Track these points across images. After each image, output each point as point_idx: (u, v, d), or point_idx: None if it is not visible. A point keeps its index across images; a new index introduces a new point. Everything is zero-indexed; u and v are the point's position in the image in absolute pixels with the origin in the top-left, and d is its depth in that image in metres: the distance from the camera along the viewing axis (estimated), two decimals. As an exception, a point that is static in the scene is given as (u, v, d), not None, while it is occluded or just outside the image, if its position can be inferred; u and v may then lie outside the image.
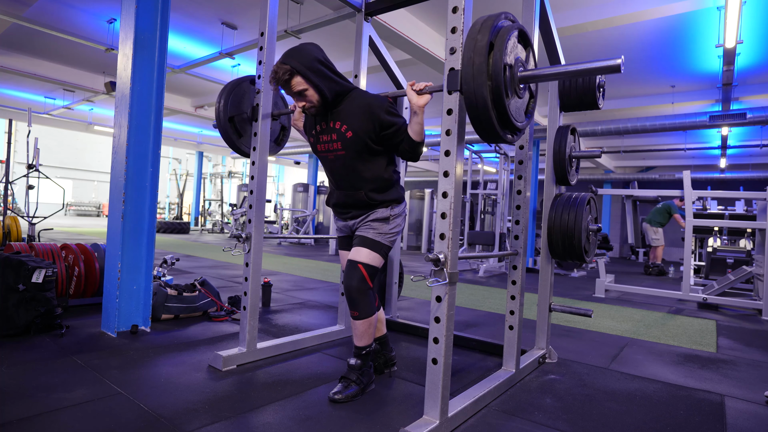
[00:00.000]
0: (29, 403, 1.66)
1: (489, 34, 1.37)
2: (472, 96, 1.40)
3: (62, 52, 7.94)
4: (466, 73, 1.39)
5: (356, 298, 1.84)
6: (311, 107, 1.86)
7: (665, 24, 5.38)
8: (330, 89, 1.84)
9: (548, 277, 2.55)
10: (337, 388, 1.88)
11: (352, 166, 1.90)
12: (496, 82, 1.37)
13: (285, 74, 1.78)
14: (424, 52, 5.75)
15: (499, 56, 1.36)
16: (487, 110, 1.39)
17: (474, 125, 1.47)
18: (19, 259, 2.51)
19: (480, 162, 8.58)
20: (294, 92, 1.83)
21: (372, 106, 1.82)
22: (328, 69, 1.84)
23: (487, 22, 1.40)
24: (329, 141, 1.91)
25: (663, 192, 5.24)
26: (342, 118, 1.87)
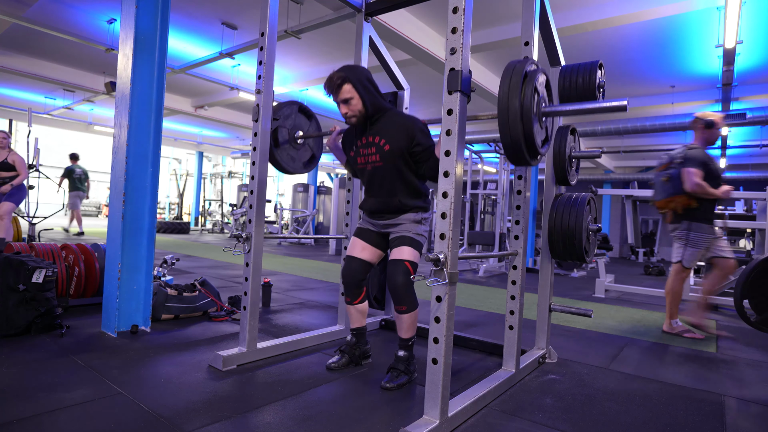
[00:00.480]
0: (29, 403, 1.66)
1: (524, 68, 1.63)
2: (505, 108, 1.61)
3: (62, 53, 7.94)
4: (503, 89, 1.62)
5: (403, 294, 2.00)
6: (353, 116, 2.10)
7: (665, 24, 5.38)
8: (372, 103, 2.10)
9: (548, 277, 2.55)
10: (387, 378, 2.04)
11: (389, 176, 2.11)
12: (528, 101, 1.60)
13: (338, 80, 2.05)
14: (424, 52, 5.76)
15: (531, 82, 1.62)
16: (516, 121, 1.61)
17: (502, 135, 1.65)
18: (19, 259, 2.51)
19: (480, 162, 8.58)
20: (341, 99, 2.08)
21: (408, 125, 2.08)
22: (373, 87, 2.12)
23: (523, 62, 1.67)
24: (368, 154, 2.14)
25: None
26: (381, 133, 2.11)
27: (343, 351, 2.30)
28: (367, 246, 2.24)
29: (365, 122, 2.14)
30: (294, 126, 2.61)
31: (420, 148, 2.05)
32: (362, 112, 2.09)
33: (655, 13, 4.74)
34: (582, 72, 2.40)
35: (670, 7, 4.60)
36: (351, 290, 2.23)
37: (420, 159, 2.07)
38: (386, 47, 3.36)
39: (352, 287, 2.22)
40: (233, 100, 9.64)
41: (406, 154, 2.07)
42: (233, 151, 16.85)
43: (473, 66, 6.96)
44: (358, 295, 2.24)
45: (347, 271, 2.22)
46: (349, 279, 2.21)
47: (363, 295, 2.26)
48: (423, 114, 10.50)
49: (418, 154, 2.05)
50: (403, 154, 2.06)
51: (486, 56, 6.80)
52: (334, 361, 2.25)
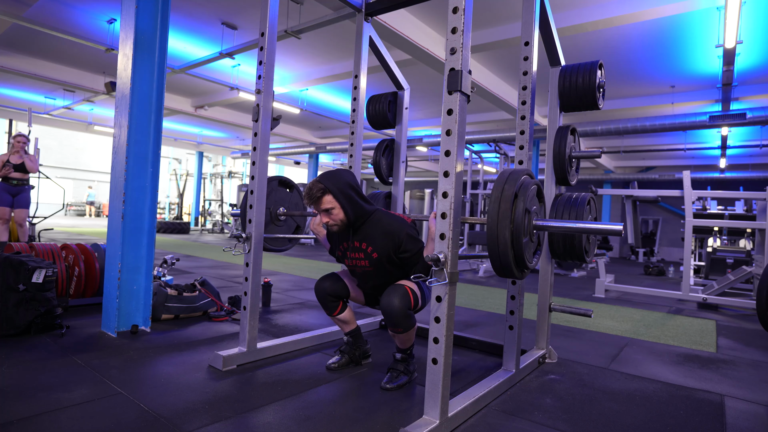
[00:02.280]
0: (29, 403, 1.66)
1: (515, 186, 1.59)
2: (495, 237, 1.59)
3: (62, 53, 7.94)
4: (492, 216, 1.59)
5: (399, 319, 1.92)
6: (334, 225, 2.07)
7: (665, 24, 5.38)
8: (354, 210, 2.05)
9: (548, 277, 2.55)
10: (387, 378, 2.04)
11: (380, 278, 2.13)
12: (518, 226, 1.58)
13: (318, 192, 2.01)
14: (424, 52, 5.75)
15: (522, 202, 1.59)
16: (506, 249, 1.59)
17: (492, 259, 1.63)
18: (19, 259, 2.52)
19: (480, 162, 8.57)
20: (322, 209, 2.04)
21: (395, 234, 2.04)
22: (356, 194, 2.07)
23: (513, 178, 1.63)
24: (357, 258, 2.13)
25: (663, 192, 5.24)
26: (367, 239, 2.09)
27: (343, 351, 2.30)
28: (358, 289, 2.26)
29: (348, 229, 2.11)
30: (275, 202, 2.56)
31: (408, 254, 2.03)
32: (344, 221, 2.06)
33: (656, 13, 4.73)
34: (582, 72, 2.40)
35: (670, 7, 4.60)
36: (325, 304, 2.22)
37: (409, 264, 2.06)
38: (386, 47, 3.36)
39: (326, 302, 2.21)
40: (233, 100, 9.64)
41: (394, 259, 2.06)
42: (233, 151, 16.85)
43: (473, 66, 6.96)
44: (335, 308, 2.22)
45: (318, 287, 2.20)
46: (320, 295, 2.20)
47: (340, 306, 2.24)
48: (423, 114, 10.50)
49: (406, 260, 2.05)
50: (392, 259, 2.06)
51: (486, 56, 6.80)
52: (334, 361, 2.25)
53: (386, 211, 2.15)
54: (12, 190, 5.11)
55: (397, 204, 3.11)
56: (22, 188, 5.19)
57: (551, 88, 2.56)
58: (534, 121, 2.23)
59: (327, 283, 2.19)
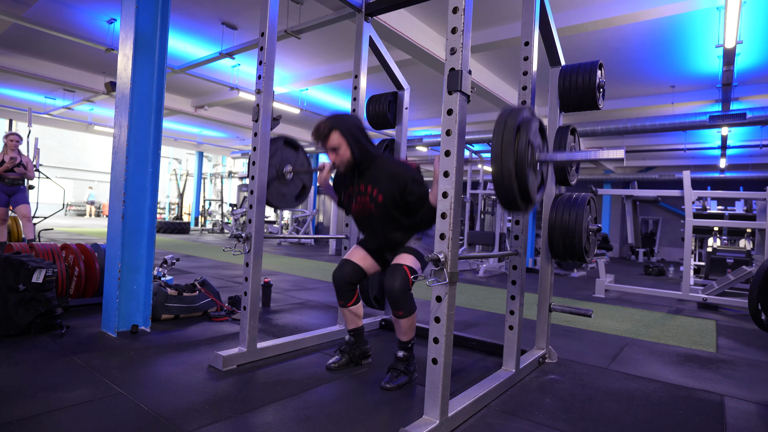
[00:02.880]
0: (29, 403, 1.66)
1: (517, 120, 1.59)
2: (500, 168, 1.58)
3: (62, 53, 7.94)
4: (496, 147, 1.59)
5: (399, 299, 1.98)
6: (341, 164, 2.10)
7: (665, 24, 5.38)
8: (360, 150, 2.09)
9: (548, 277, 2.55)
10: (387, 378, 2.05)
11: (385, 224, 2.13)
12: (522, 157, 1.58)
13: (326, 129, 2.05)
14: (424, 52, 5.75)
15: (525, 135, 1.60)
16: (511, 180, 1.58)
17: (497, 192, 1.63)
18: (19, 259, 2.51)
19: (480, 162, 8.58)
20: (329, 147, 2.08)
21: (400, 176, 2.06)
22: (363, 136, 2.12)
23: (515, 113, 1.63)
24: (363, 202, 2.15)
25: (663, 192, 5.24)
26: (373, 182, 2.11)
27: (343, 351, 2.30)
28: (368, 256, 2.25)
29: (354, 170, 2.14)
30: (281, 161, 2.57)
31: (413, 197, 2.04)
32: (350, 161, 2.09)
33: (656, 13, 4.73)
34: (582, 72, 2.40)
35: (670, 7, 4.60)
36: (342, 293, 2.23)
37: (414, 207, 2.06)
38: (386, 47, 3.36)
39: (344, 290, 2.22)
40: (233, 100, 9.64)
41: (400, 203, 2.07)
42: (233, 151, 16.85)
43: (473, 66, 6.95)
44: (350, 298, 2.24)
45: (337, 274, 2.22)
46: (339, 282, 2.21)
47: (355, 297, 2.25)
48: (423, 114, 10.50)
49: (411, 203, 2.05)
50: (397, 203, 2.07)
51: (486, 56, 6.80)
52: (334, 361, 2.25)
53: (391, 156, 2.18)
54: (8, 190, 5.11)
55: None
56: (17, 188, 5.19)
57: (551, 88, 2.56)
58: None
59: (346, 270, 2.21)
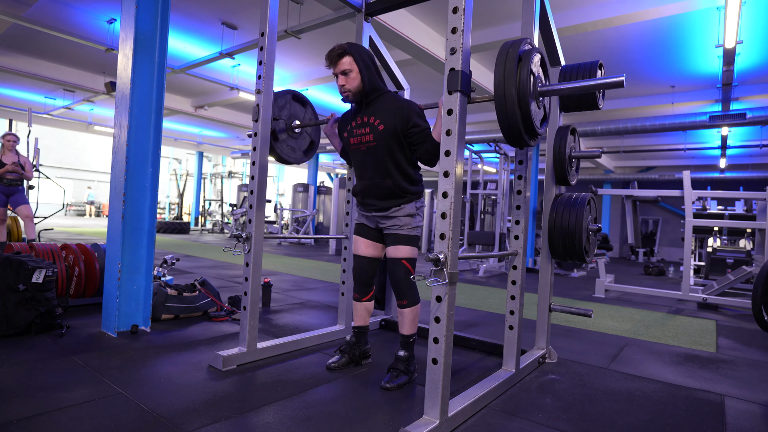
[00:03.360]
0: (29, 403, 1.66)
1: (518, 50, 1.62)
2: (502, 96, 1.61)
3: (62, 53, 7.94)
4: (498, 77, 1.60)
5: (404, 288, 2.06)
6: (348, 90, 2.06)
7: (665, 24, 5.38)
8: (370, 80, 2.06)
9: (548, 277, 2.55)
10: (387, 378, 2.05)
11: (382, 157, 2.08)
12: (524, 85, 1.60)
13: (339, 49, 2.04)
14: (424, 52, 5.75)
15: (526, 65, 1.62)
16: (513, 108, 1.60)
17: (501, 122, 1.66)
18: (19, 259, 2.51)
19: (480, 162, 8.58)
20: (340, 70, 2.05)
21: (404, 107, 2.05)
22: (374, 67, 2.11)
23: (516, 43, 1.66)
24: (362, 134, 2.11)
25: (663, 192, 5.24)
26: (376, 113, 2.07)
27: (343, 351, 2.30)
28: (369, 243, 2.25)
29: (361, 101, 2.10)
30: (290, 115, 2.59)
31: (416, 130, 2.01)
32: (359, 89, 2.05)
33: (656, 13, 4.73)
34: (582, 72, 2.40)
35: (670, 7, 4.60)
36: (361, 288, 2.27)
37: (416, 141, 2.02)
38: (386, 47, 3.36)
39: (363, 285, 2.26)
40: (233, 100, 9.64)
41: (401, 136, 2.03)
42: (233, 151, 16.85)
43: (473, 66, 6.96)
44: (368, 293, 2.28)
45: (358, 270, 2.25)
46: (362, 277, 2.25)
47: (372, 292, 2.30)
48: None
49: (414, 135, 2.01)
50: (398, 135, 2.03)
51: (486, 56, 6.80)
52: (334, 361, 2.26)
53: (399, 95, 2.19)
54: (6, 191, 5.11)
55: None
56: (16, 188, 5.19)
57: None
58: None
59: (363, 264, 2.25)
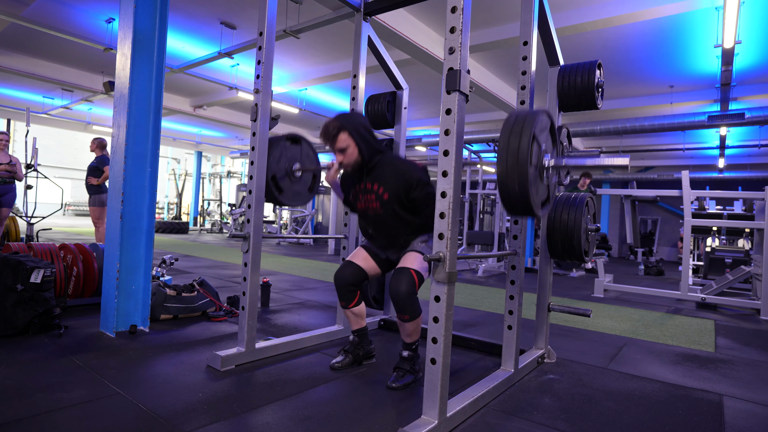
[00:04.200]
0: (27, 403, 1.66)
1: (526, 153, 1.55)
2: (510, 202, 1.63)
3: (61, 52, 7.92)
4: (502, 186, 1.60)
5: (405, 303, 1.96)
6: (348, 164, 2.10)
7: (664, 24, 5.39)
8: (368, 151, 2.10)
9: (547, 277, 2.55)
10: (393, 377, 2.05)
11: (391, 222, 2.13)
12: (525, 196, 1.59)
13: (334, 129, 2.05)
14: (423, 52, 5.75)
15: (534, 175, 1.64)
16: (520, 213, 1.65)
17: (508, 212, 1.68)
18: (17, 260, 2.51)
19: (479, 162, 8.58)
20: (338, 148, 2.08)
21: (406, 175, 2.06)
22: (370, 135, 2.12)
23: (524, 144, 1.56)
24: (369, 200, 2.15)
25: (662, 192, 5.24)
26: (379, 180, 2.11)
27: (347, 351, 2.30)
28: (369, 258, 2.25)
29: (362, 169, 2.14)
30: (289, 160, 2.58)
31: (419, 196, 2.04)
32: (358, 161, 2.09)
33: (655, 13, 4.74)
34: (581, 72, 2.40)
35: (669, 7, 4.61)
36: (343, 295, 2.23)
37: (419, 206, 2.07)
38: (385, 47, 3.36)
39: (345, 292, 2.22)
40: (232, 99, 9.63)
41: (405, 202, 2.07)
42: (232, 151, 16.83)
43: (472, 66, 6.96)
44: (352, 300, 2.24)
45: (339, 276, 2.21)
46: (340, 283, 2.21)
47: (357, 298, 2.25)
48: (422, 113, 10.50)
49: (417, 201, 2.05)
50: (402, 201, 2.07)
51: (485, 56, 6.80)
52: (338, 361, 2.25)
53: (397, 155, 2.20)
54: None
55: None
56: (9, 187, 5.17)
57: (550, 88, 2.56)
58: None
59: (347, 271, 2.20)
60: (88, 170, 5.59)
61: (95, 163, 5.56)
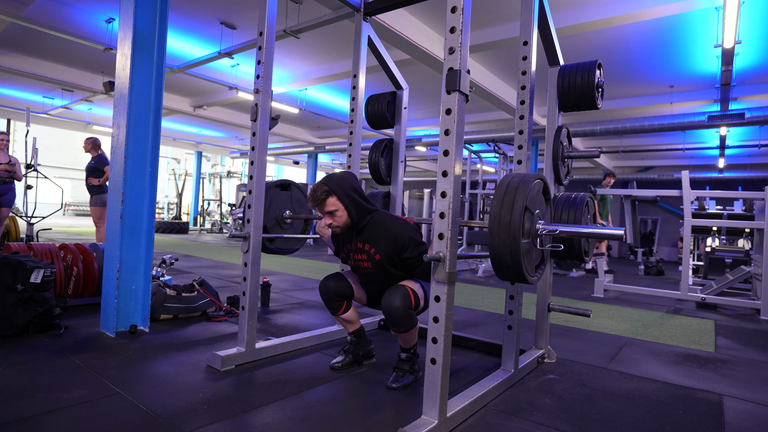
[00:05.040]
0: (27, 403, 1.66)
1: (518, 229, 1.54)
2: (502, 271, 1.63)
3: (61, 52, 7.92)
4: (494, 256, 1.59)
5: (400, 318, 1.94)
6: (337, 227, 2.08)
7: (664, 24, 5.39)
8: (357, 211, 2.07)
9: (547, 277, 2.55)
10: (393, 377, 2.05)
11: (382, 279, 2.13)
12: (518, 265, 1.58)
13: (322, 194, 2.03)
14: (423, 52, 5.75)
15: (528, 245, 1.65)
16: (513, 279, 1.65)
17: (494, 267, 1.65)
18: (17, 260, 2.51)
19: (479, 162, 8.58)
20: (326, 211, 2.05)
21: (398, 236, 2.05)
22: (359, 196, 2.09)
23: (515, 221, 1.54)
24: (360, 260, 2.15)
25: (662, 192, 5.24)
26: (370, 241, 2.09)
27: (347, 351, 2.30)
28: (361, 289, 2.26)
29: (352, 231, 2.13)
30: (280, 206, 2.60)
31: (411, 254, 2.04)
32: (347, 223, 2.08)
33: (655, 13, 4.74)
34: (581, 72, 2.40)
35: (669, 7, 4.61)
36: (329, 303, 2.23)
37: (412, 265, 2.07)
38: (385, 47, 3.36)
39: (330, 301, 2.22)
40: (232, 99, 9.63)
41: (397, 261, 2.07)
42: (232, 151, 16.83)
43: (472, 66, 6.96)
44: (339, 308, 2.23)
45: (323, 286, 2.20)
46: (325, 293, 2.21)
47: (344, 306, 2.24)
48: (422, 113, 10.49)
49: (410, 260, 2.05)
50: (395, 261, 2.07)
51: (485, 56, 6.80)
52: (338, 361, 2.26)
53: (388, 213, 2.16)
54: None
55: (396, 204, 3.11)
56: (8, 187, 5.17)
57: (550, 88, 2.56)
58: (533, 121, 2.23)
59: (331, 283, 2.19)
60: (87, 171, 5.59)
61: (93, 163, 5.55)
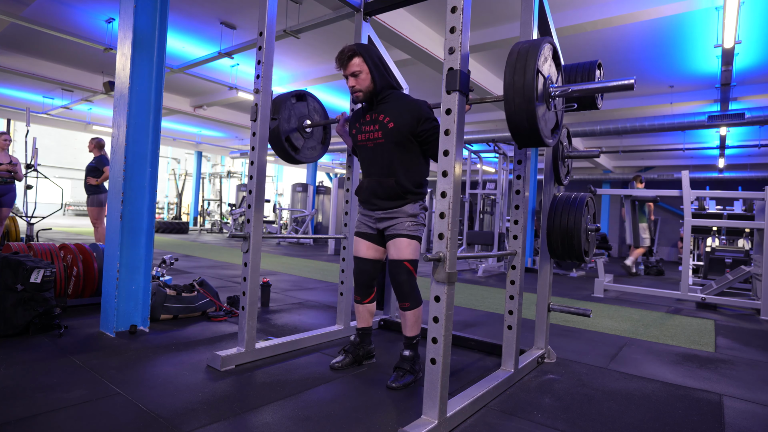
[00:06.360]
0: (27, 403, 1.66)
1: (533, 76, 1.57)
2: (518, 131, 1.65)
3: (61, 52, 7.92)
4: (508, 77, 1.60)
5: (407, 291, 2.06)
6: (359, 90, 2.08)
7: (664, 24, 5.39)
8: (381, 79, 2.09)
9: (547, 277, 2.55)
10: (393, 377, 2.05)
11: (388, 154, 2.09)
12: (533, 127, 1.62)
13: (349, 51, 2.05)
14: (423, 52, 5.75)
15: (542, 102, 1.67)
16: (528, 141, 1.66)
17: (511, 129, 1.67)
18: (17, 260, 2.51)
19: (479, 162, 8.58)
20: (350, 72, 2.07)
21: (416, 106, 2.07)
22: (383, 67, 2.12)
23: (530, 68, 1.59)
24: (371, 131, 2.13)
25: (662, 192, 5.24)
26: (387, 111, 2.09)
27: (347, 351, 2.30)
28: (370, 245, 2.25)
29: (372, 100, 2.12)
30: (299, 117, 2.63)
31: (428, 127, 2.03)
32: (370, 89, 2.08)
33: (655, 13, 4.74)
34: (581, 72, 2.40)
35: (669, 7, 4.60)
36: (363, 290, 2.26)
37: (427, 140, 2.05)
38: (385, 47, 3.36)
39: (364, 287, 2.26)
40: (232, 99, 9.63)
41: (409, 135, 2.05)
42: (232, 151, 16.83)
43: (472, 66, 6.96)
44: (369, 294, 2.28)
45: (359, 272, 2.24)
46: (362, 279, 2.24)
47: (373, 294, 2.29)
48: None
49: (426, 133, 2.04)
50: (407, 134, 2.04)
51: (485, 56, 6.80)
52: (338, 361, 2.26)
53: (408, 95, 2.19)
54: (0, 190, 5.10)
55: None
56: (9, 187, 5.18)
57: (550, 88, 2.55)
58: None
59: (364, 266, 2.24)
60: (87, 170, 5.60)
61: (93, 163, 5.56)
